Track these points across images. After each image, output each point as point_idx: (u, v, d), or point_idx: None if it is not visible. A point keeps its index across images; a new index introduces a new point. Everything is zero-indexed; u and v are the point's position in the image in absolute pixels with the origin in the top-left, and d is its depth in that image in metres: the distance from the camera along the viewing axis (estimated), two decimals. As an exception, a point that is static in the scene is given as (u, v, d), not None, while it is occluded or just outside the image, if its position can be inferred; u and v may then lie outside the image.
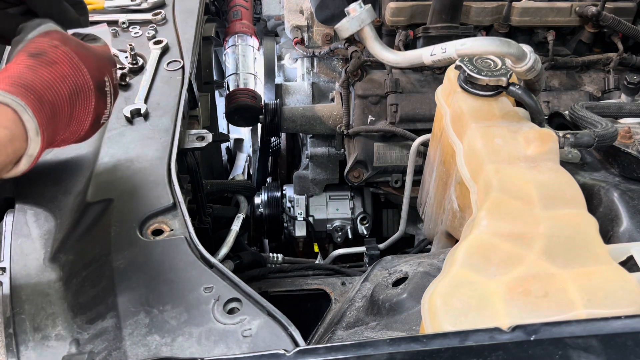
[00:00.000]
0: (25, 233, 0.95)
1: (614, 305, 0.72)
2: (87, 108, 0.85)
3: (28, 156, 0.76)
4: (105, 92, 0.88)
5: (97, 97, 0.86)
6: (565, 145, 1.01)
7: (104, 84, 0.88)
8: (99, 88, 0.86)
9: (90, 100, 0.85)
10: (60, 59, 0.81)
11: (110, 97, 0.90)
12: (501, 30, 1.70)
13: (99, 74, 0.86)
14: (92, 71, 0.85)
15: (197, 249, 0.90)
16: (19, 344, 0.80)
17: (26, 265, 0.91)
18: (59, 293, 0.87)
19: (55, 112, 0.79)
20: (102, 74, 0.87)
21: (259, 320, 0.80)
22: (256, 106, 1.81)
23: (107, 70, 0.89)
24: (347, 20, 1.27)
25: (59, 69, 0.80)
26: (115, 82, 0.92)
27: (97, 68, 0.86)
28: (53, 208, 0.99)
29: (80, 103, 0.83)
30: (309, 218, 1.95)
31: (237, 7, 2.09)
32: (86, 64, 0.84)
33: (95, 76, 0.85)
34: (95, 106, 0.86)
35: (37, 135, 0.75)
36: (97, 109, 0.87)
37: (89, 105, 0.85)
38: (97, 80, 0.86)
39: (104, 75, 0.88)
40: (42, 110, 0.76)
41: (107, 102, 0.90)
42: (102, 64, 0.88)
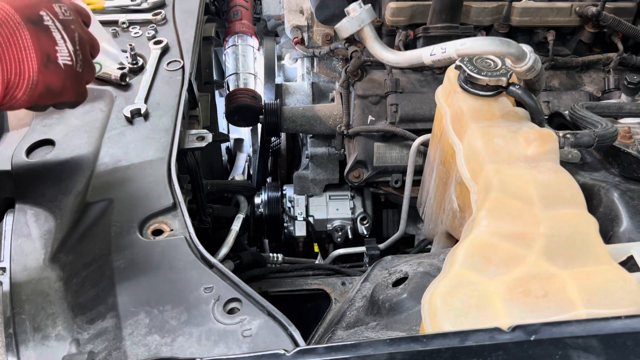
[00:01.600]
0: (25, 233, 0.95)
1: (614, 305, 0.72)
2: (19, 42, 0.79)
3: None
4: (46, 26, 0.83)
5: (32, 30, 0.80)
6: (565, 145, 1.01)
7: (39, 17, 0.82)
8: (31, 21, 0.81)
9: (21, 33, 0.79)
10: None
11: (58, 32, 0.84)
12: (501, 30, 1.70)
13: (29, 9, 0.81)
14: (18, 7, 0.80)
15: (197, 249, 0.90)
16: (19, 344, 0.80)
17: (26, 265, 0.91)
18: (59, 293, 0.87)
19: None
20: (35, 9, 0.82)
21: (259, 320, 0.80)
22: (256, 106, 1.81)
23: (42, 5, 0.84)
24: (347, 20, 1.27)
25: None
26: (63, 17, 0.86)
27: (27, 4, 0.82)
28: (53, 208, 0.99)
29: (3, 35, 0.78)
30: (309, 218, 1.95)
31: (237, 7, 2.09)
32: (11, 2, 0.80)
33: (24, 11, 0.80)
34: (34, 40, 0.80)
35: None
36: (40, 44, 0.81)
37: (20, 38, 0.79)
38: (26, 14, 0.81)
39: (39, 10, 0.83)
40: None
41: (55, 37, 0.83)
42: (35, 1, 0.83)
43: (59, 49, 0.84)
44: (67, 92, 0.88)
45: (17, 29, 0.79)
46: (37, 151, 1.08)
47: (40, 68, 0.82)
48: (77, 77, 0.88)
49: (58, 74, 0.84)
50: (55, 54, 0.84)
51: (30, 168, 1.05)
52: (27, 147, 1.08)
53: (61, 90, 0.86)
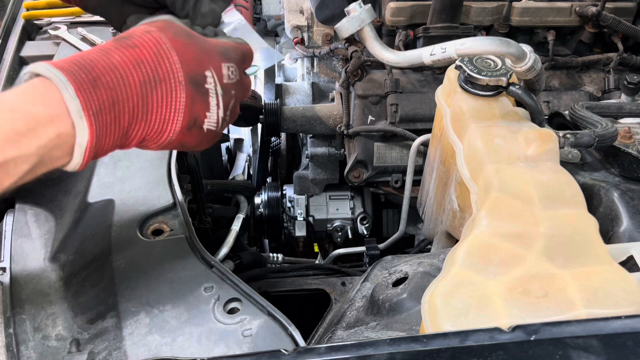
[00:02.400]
0: (25, 233, 0.95)
1: (614, 305, 0.72)
2: (173, 105, 0.71)
3: (78, 146, 0.65)
4: (206, 90, 0.73)
5: (190, 93, 0.72)
6: (565, 145, 1.01)
7: (203, 79, 0.73)
8: (193, 82, 0.72)
9: (178, 95, 0.71)
10: (143, 43, 0.69)
11: (215, 99, 0.75)
12: (501, 30, 1.70)
13: (196, 66, 0.72)
14: (185, 60, 0.71)
15: (197, 249, 0.90)
16: (19, 344, 0.80)
17: (26, 265, 0.91)
18: (59, 293, 0.87)
19: (117, 99, 0.67)
20: (201, 67, 0.73)
21: (259, 320, 0.80)
22: (256, 106, 1.81)
23: (212, 63, 0.74)
24: (347, 20, 1.27)
25: (136, 52, 0.68)
26: (225, 80, 0.76)
27: (196, 58, 0.72)
28: (53, 208, 0.99)
29: (159, 95, 0.70)
30: (309, 218, 1.95)
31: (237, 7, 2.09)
32: (180, 52, 0.71)
33: (189, 67, 0.71)
34: (188, 104, 0.72)
35: (80, 118, 0.64)
36: (192, 109, 0.73)
37: (174, 100, 0.71)
38: (191, 72, 0.72)
39: (205, 70, 0.73)
40: (92, 92, 0.64)
41: (211, 104, 0.75)
42: (206, 55, 0.74)
43: (210, 115, 0.76)
44: (199, 148, 0.81)
45: (176, 89, 0.71)
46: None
47: (183, 131, 0.74)
48: (215, 137, 0.80)
49: (197, 137, 0.77)
50: (204, 119, 0.75)
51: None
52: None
53: (194, 147, 0.79)
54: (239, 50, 0.81)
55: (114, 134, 0.68)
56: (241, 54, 0.81)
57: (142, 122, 0.70)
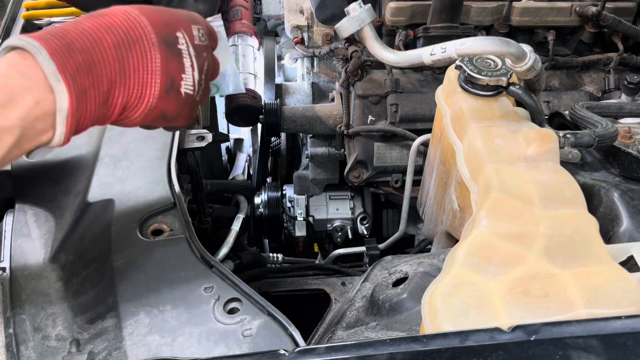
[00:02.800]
0: (25, 233, 0.95)
1: (614, 305, 0.72)
2: (148, 65, 0.72)
3: (59, 111, 0.65)
4: (179, 50, 0.74)
5: (164, 53, 0.73)
6: (565, 145, 1.01)
7: (174, 39, 0.74)
8: (166, 43, 0.73)
9: (152, 56, 0.72)
10: (112, 13, 0.70)
11: (189, 59, 0.76)
12: (501, 30, 1.70)
13: (167, 28, 0.73)
14: (156, 23, 0.72)
15: (197, 248, 0.90)
16: (19, 344, 0.80)
17: (26, 265, 0.91)
18: (59, 293, 0.87)
19: (93, 62, 0.67)
20: (172, 29, 0.74)
21: (259, 320, 0.80)
22: (256, 106, 1.81)
23: (181, 25, 0.75)
24: (347, 20, 1.27)
25: (106, 19, 0.70)
26: (197, 41, 0.77)
27: (166, 22, 0.74)
28: (53, 208, 0.99)
29: (134, 57, 0.71)
30: (309, 218, 1.95)
31: (237, 7, 2.09)
32: (150, 17, 0.72)
33: (160, 29, 0.72)
34: (163, 65, 0.73)
35: (58, 81, 0.63)
36: (167, 70, 0.73)
37: (150, 61, 0.72)
38: (162, 34, 0.73)
39: (176, 31, 0.74)
40: (66, 55, 0.64)
41: (184, 64, 0.75)
42: (174, 18, 0.75)
43: (185, 77, 0.77)
44: (180, 119, 0.82)
45: (150, 50, 0.72)
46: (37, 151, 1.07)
47: (162, 94, 0.75)
48: (193, 105, 0.82)
49: (177, 102, 0.78)
50: (180, 81, 0.77)
51: (31, 168, 1.05)
52: (27, 147, 1.08)
53: (175, 116, 0.80)
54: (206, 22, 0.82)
55: (95, 99, 0.68)
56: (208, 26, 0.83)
57: (120, 86, 0.71)
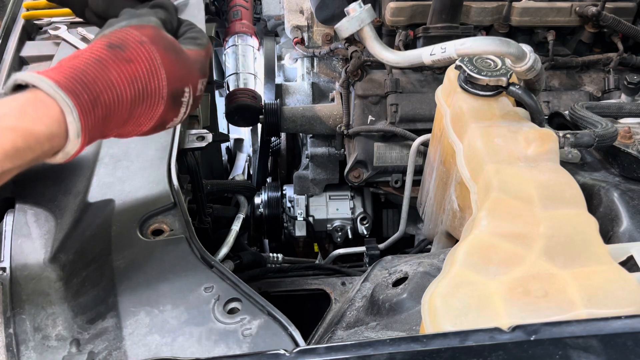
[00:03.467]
0: (25, 233, 0.95)
1: (614, 305, 0.72)
2: (151, 114, 0.78)
3: (64, 153, 0.71)
4: (181, 102, 0.81)
5: (168, 106, 0.79)
6: (565, 145, 1.01)
7: (181, 94, 0.80)
8: (173, 97, 0.79)
9: (158, 108, 0.78)
10: (138, 58, 0.74)
11: (185, 108, 0.82)
12: (501, 30, 1.70)
13: (179, 84, 0.79)
14: (171, 79, 0.77)
15: (197, 248, 0.90)
16: (19, 344, 0.80)
17: (26, 265, 0.91)
18: (59, 293, 0.87)
19: (109, 114, 0.73)
20: (183, 84, 0.80)
21: (259, 320, 0.80)
22: (256, 106, 1.81)
23: (191, 80, 0.81)
24: (347, 20, 1.27)
25: (132, 68, 0.73)
26: (198, 93, 0.84)
27: (180, 77, 0.79)
28: (53, 208, 0.99)
29: (143, 108, 0.77)
30: (309, 218, 1.95)
31: (237, 7, 2.09)
32: (168, 70, 0.77)
33: (173, 85, 0.78)
34: (163, 114, 0.79)
35: (77, 137, 0.70)
36: (164, 117, 0.80)
37: (154, 112, 0.78)
38: (173, 90, 0.78)
39: (186, 86, 0.80)
40: (91, 112, 0.70)
41: (180, 112, 0.82)
42: (188, 74, 0.81)
43: (175, 120, 0.83)
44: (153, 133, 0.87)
45: (158, 103, 0.78)
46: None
47: (149, 130, 0.82)
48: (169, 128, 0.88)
49: (156, 132, 0.84)
50: (169, 122, 0.83)
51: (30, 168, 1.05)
52: (27, 147, 1.08)
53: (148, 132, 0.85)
54: (208, 57, 0.88)
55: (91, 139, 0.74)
56: (209, 59, 0.89)
57: (120, 127, 0.78)
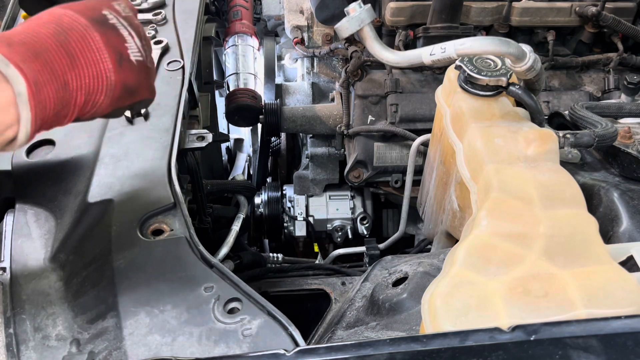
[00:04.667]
0: (25, 233, 0.95)
1: (614, 305, 0.72)
2: (90, 44, 0.78)
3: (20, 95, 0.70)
4: (112, 25, 0.82)
5: (99, 30, 0.80)
6: (565, 145, 1.01)
7: (103, 17, 0.82)
8: (97, 21, 0.80)
9: (91, 35, 0.79)
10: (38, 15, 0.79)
11: (125, 29, 0.83)
12: (501, 30, 1.70)
13: (91, 11, 0.82)
14: (80, 11, 0.80)
15: (198, 248, 0.90)
16: (19, 344, 0.80)
17: (26, 265, 0.91)
18: (59, 293, 0.87)
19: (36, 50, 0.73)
20: (96, 10, 0.82)
21: (259, 320, 0.80)
22: (256, 106, 1.81)
23: (103, 5, 0.84)
24: (347, 20, 1.27)
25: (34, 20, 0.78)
26: (124, 14, 0.85)
27: (87, 7, 0.82)
28: (53, 208, 0.99)
29: (75, 41, 0.77)
30: (309, 218, 1.95)
31: (237, 7, 2.09)
32: (71, 8, 0.80)
33: (86, 13, 0.80)
34: (104, 40, 0.79)
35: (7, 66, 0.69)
36: (110, 43, 0.80)
37: (90, 40, 0.78)
38: (90, 16, 0.80)
39: (101, 10, 0.83)
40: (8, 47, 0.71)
41: (123, 35, 0.83)
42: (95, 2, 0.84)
43: (129, 45, 0.83)
44: (142, 90, 0.87)
45: (86, 31, 0.79)
46: (37, 151, 1.08)
47: (116, 67, 0.81)
48: (148, 72, 0.87)
49: (132, 71, 0.83)
50: (127, 51, 0.82)
51: (31, 168, 1.05)
52: (27, 146, 1.08)
53: (137, 87, 0.85)
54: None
55: (52, 82, 0.73)
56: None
57: (73, 68, 0.77)
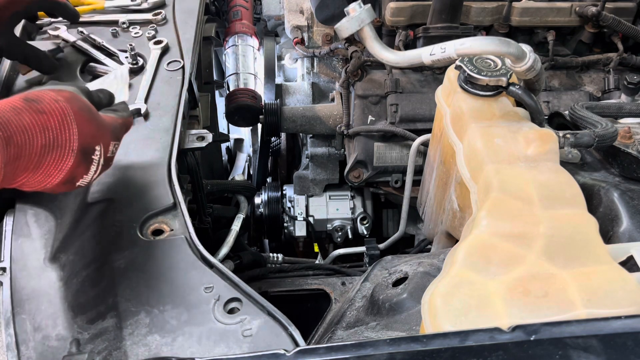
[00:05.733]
0: (25, 233, 0.95)
1: (614, 305, 0.72)
2: (61, 166, 0.82)
3: None
4: (92, 160, 0.86)
5: (77, 160, 0.83)
6: (565, 145, 1.01)
7: (92, 151, 0.85)
8: (83, 153, 0.84)
9: (67, 161, 0.82)
10: (51, 111, 0.80)
11: (96, 167, 0.87)
12: (501, 30, 1.70)
13: (90, 140, 0.84)
14: (82, 135, 0.83)
15: (197, 249, 0.90)
16: (19, 344, 0.80)
17: (26, 265, 0.91)
18: (59, 293, 0.87)
19: (20, 155, 0.77)
20: (94, 142, 0.85)
21: (259, 320, 0.80)
22: (256, 106, 1.81)
23: (102, 140, 0.87)
24: (347, 20, 1.27)
25: (44, 118, 0.79)
26: (109, 155, 0.90)
27: (92, 134, 0.85)
28: (53, 208, 0.99)
29: (53, 157, 0.81)
30: (309, 218, 1.95)
31: (237, 7, 2.09)
32: (80, 125, 0.82)
33: (84, 141, 0.83)
34: (72, 168, 0.83)
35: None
36: (74, 172, 0.84)
37: (63, 164, 0.82)
38: (84, 145, 0.83)
39: (97, 144, 0.86)
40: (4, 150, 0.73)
41: (91, 170, 0.87)
42: (99, 132, 0.87)
43: (86, 177, 0.87)
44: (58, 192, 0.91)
45: (67, 155, 0.82)
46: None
47: (58, 186, 0.85)
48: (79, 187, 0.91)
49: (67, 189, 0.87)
50: (79, 179, 0.86)
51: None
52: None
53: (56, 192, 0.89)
54: (124, 126, 0.96)
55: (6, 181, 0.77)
56: (125, 128, 0.97)
57: (30, 172, 0.81)
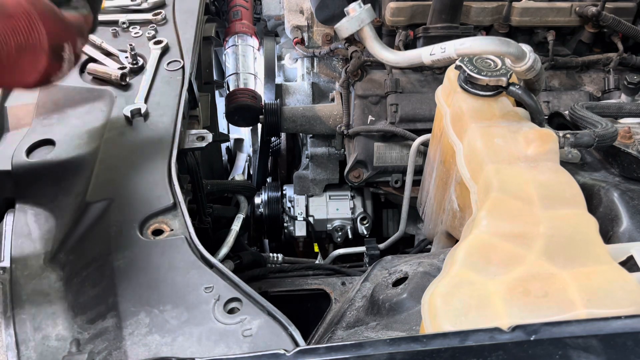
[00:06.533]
0: (25, 233, 0.95)
1: (614, 305, 0.72)
2: (36, 65, 0.88)
3: None
4: (62, 57, 0.92)
5: (50, 58, 0.89)
6: (565, 145, 1.01)
7: (62, 48, 0.91)
8: (54, 50, 0.90)
9: (41, 59, 0.88)
10: (17, 15, 0.85)
11: (67, 64, 0.94)
12: (501, 30, 1.70)
13: (58, 39, 0.90)
14: (50, 34, 0.88)
15: (197, 249, 0.90)
16: (19, 344, 0.80)
17: (26, 265, 0.91)
18: (59, 293, 0.87)
19: None
20: (62, 40, 0.91)
21: (259, 320, 0.80)
22: (256, 106, 1.81)
23: (69, 37, 0.93)
24: (347, 20, 1.27)
25: (13, 22, 0.85)
26: (77, 51, 0.96)
27: (58, 33, 0.90)
28: (53, 208, 0.99)
29: (28, 58, 0.87)
30: (309, 218, 1.95)
31: (237, 7, 2.09)
32: (47, 26, 0.88)
33: (53, 39, 0.89)
34: (47, 66, 0.90)
35: None
36: (48, 69, 0.91)
37: (38, 63, 0.88)
38: (54, 44, 0.89)
39: (64, 42, 0.92)
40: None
41: (63, 67, 0.93)
42: (65, 31, 0.92)
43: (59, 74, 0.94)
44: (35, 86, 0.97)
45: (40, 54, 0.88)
46: (37, 151, 1.08)
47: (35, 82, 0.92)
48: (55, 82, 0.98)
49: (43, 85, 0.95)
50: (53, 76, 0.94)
51: (31, 168, 1.05)
52: (27, 147, 1.08)
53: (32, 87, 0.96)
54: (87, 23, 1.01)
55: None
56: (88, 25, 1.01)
57: (7, 73, 0.87)
